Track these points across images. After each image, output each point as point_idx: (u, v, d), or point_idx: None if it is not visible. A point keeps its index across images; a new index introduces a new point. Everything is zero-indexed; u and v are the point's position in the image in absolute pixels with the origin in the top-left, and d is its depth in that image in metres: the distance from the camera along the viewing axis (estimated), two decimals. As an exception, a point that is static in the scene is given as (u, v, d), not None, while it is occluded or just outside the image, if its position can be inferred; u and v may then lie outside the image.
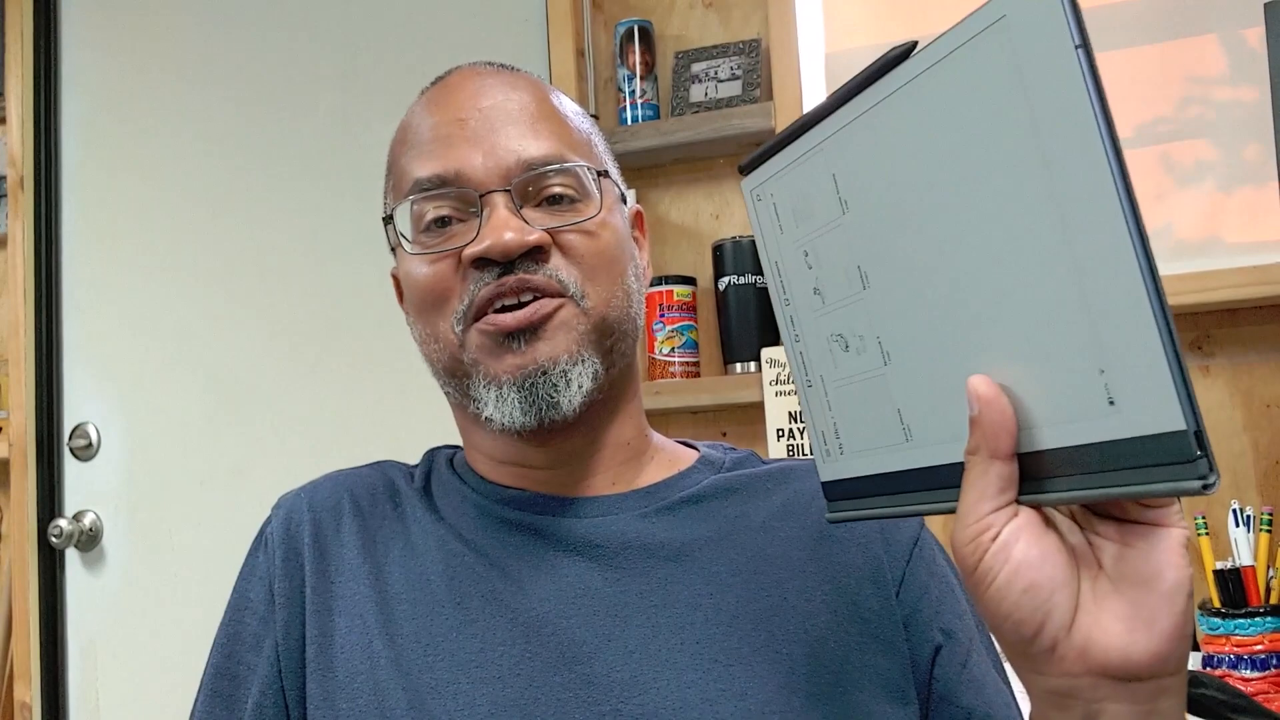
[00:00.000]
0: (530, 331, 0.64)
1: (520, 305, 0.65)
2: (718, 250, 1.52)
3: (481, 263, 0.65)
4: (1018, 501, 0.43)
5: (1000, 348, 0.42)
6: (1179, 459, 0.36)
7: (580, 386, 0.65)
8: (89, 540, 1.88)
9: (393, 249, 0.74)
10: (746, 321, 1.50)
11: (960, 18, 0.42)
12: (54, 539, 1.84)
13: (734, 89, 1.54)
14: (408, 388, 1.70)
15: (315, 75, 1.81)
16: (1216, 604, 1.19)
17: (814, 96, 1.56)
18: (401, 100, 1.85)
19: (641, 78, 1.57)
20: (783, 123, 1.50)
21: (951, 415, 0.44)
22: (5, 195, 1.98)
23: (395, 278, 0.77)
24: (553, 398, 0.64)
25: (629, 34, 1.58)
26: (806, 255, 0.52)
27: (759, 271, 1.49)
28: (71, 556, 1.90)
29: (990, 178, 0.41)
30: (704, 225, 1.60)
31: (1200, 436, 0.36)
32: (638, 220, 0.78)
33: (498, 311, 0.65)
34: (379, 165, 1.97)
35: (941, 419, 0.46)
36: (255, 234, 1.82)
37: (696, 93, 1.56)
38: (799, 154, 0.51)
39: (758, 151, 0.54)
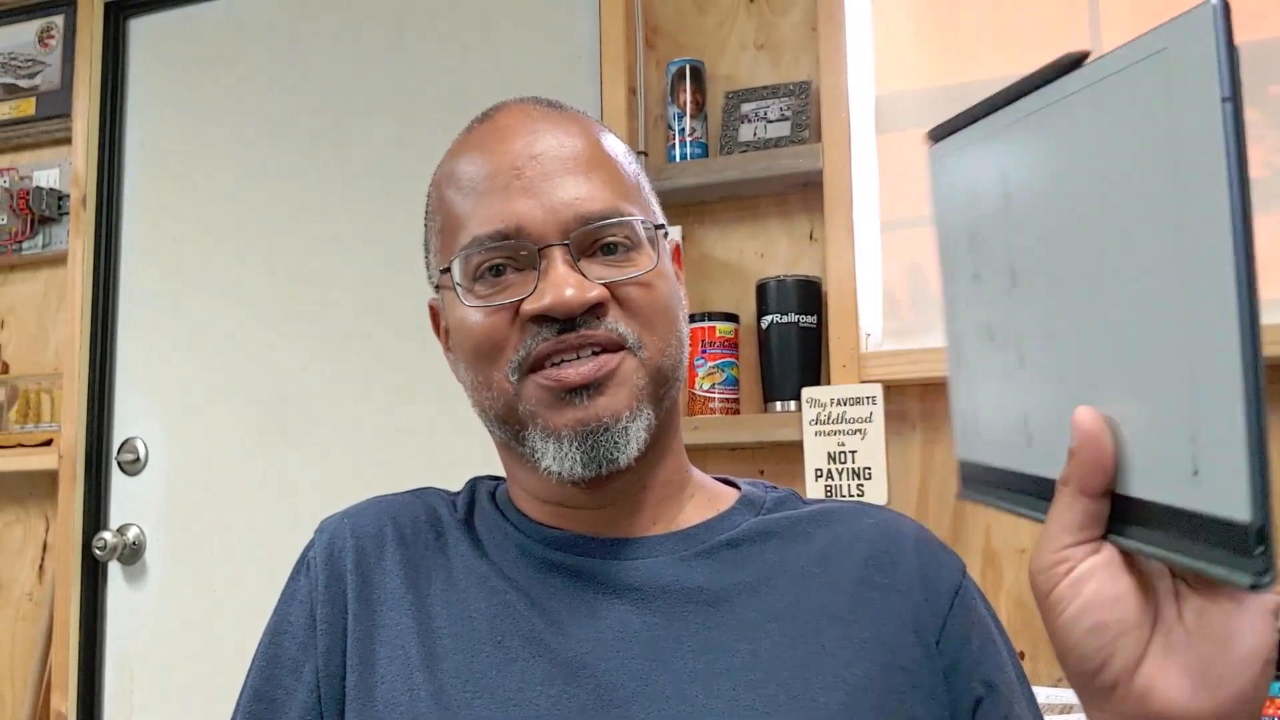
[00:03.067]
0: (593, 386, 0.65)
1: (580, 359, 0.65)
2: (761, 289, 1.52)
3: (541, 318, 0.65)
4: (1104, 537, 0.43)
5: (1118, 382, 0.42)
6: (1238, 550, 0.36)
7: (637, 439, 0.66)
8: (132, 554, 1.91)
9: (436, 286, 0.74)
10: (788, 360, 1.50)
11: (1008, 62, 0.43)
12: (98, 551, 1.87)
13: (783, 129, 1.55)
14: (451, 412, 1.72)
15: (371, 107, 1.84)
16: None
17: (863, 138, 1.56)
18: (455, 133, 1.88)
19: (691, 116, 1.59)
20: (830, 164, 1.50)
21: (1066, 433, 0.44)
22: (68, 213, 2.03)
23: (432, 309, 0.77)
24: (613, 453, 0.65)
25: (680, 73, 1.60)
26: (971, 239, 0.52)
27: (802, 311, 1.49)
28: (114, 569, 1.93)
29: (1131, 209, 0.41)
30: (748, 263, 1.60)
31: (1264, 533, 0.35)
32: (675, 254, 0.78)
33: (556, 365, 0.65)
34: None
35: (1058, 434, 0.45)
36: (307, 260, 1.86)
37: (745, 132, 1.57)
38: (981, 135, 0.50)
39: (950, 120, 0.53)
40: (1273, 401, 1.37)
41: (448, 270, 0.70)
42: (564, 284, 0.64)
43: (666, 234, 0.74)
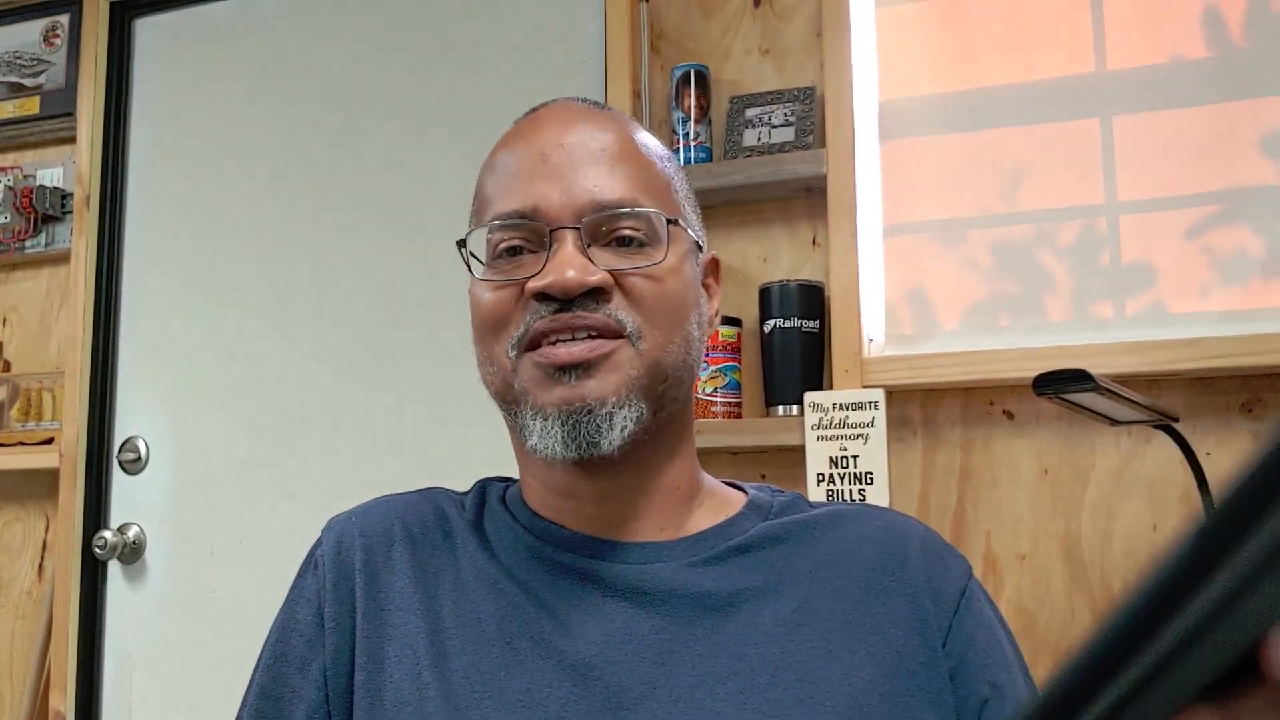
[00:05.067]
0: (583, 368, 0.65)
1: (575, 340, 0.66)
2: (764, 293, 1.53)
3: (543, 296, 0.66)
4: None
5: None
6: None
7: (623, 429, 0.65)
8: (132, 553, 1.91)
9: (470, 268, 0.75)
10: (790, 365, 1.50)
11: (1013, 70, 0.28)
12: (98, 550, 1.88)
13: (787, 135, 1.55)
14: (455, 414, 1.72)
15: (376, 108, 1.85)
16: (1262, 673, 1.17)
17: (866, 144, 1.57)
18: (460, 135, 1.89)
19: (696, 121, 1.59)
20: (834, 169, 1.51)
21: None
22: (71, 212, 2.03)
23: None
24: (594, 437, 0.65)
25: (685, 78, 1.61)
26: None
27: (805, 315, 1.50)
28: (113, 568, 1.93)
29: None
30: (751, 267, 1.61)
31: None
32: (712, 267, 0.78)
33: (553, 344, 0.66)
34: (435, 197, 2.00)
35: None
36: (310, 260, 1.86)
37: (750, 137, 1.57)
38: None
39: None
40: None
41: (464, 244, 0.72)
42: (567, 264, 0.65)
43: (701, 247, 0.75)
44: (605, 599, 0.68)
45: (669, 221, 0.70)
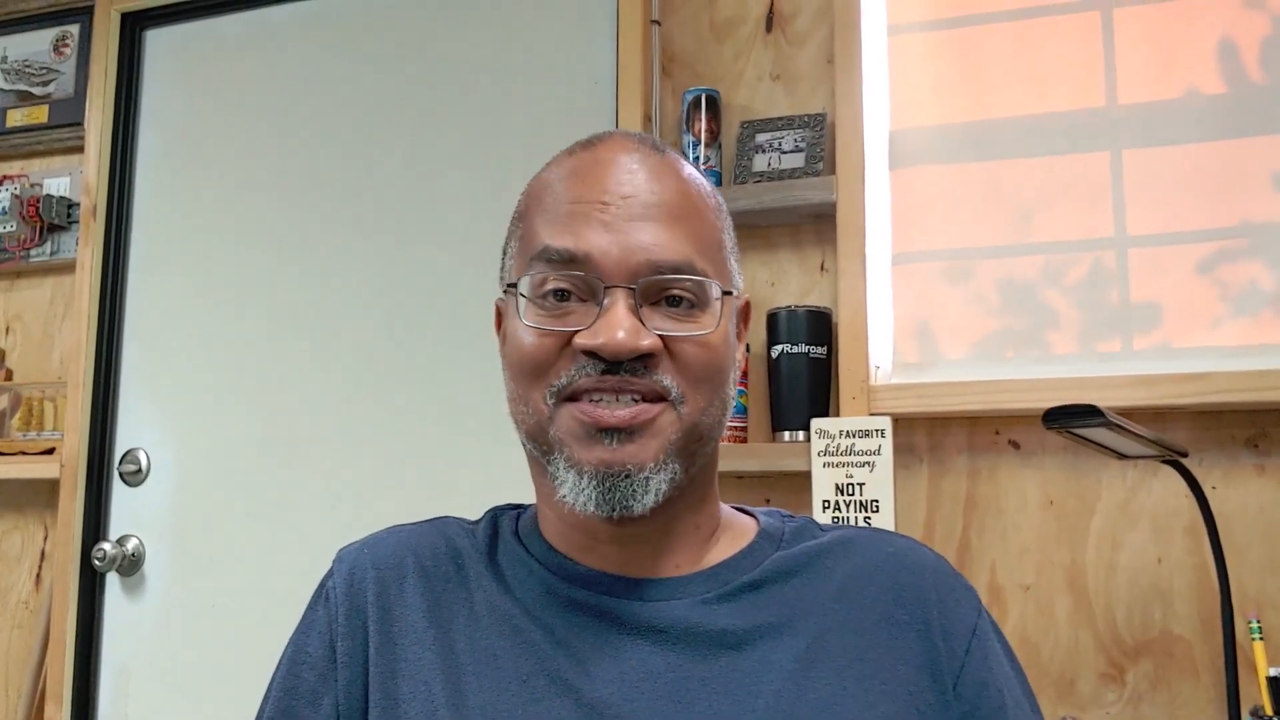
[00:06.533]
0: (625, 432, 0.65)
1: (619, 403, 0.66)
2: (772, 318, 1.53)
3: (591, 354, 0.66)
4: None
5: None
6: None
7: (658, 491, 0.66)
8: (131, 565, 1.90)
9: (505, 288, 0.74)
10: (797, 390, 1.50)
11: (1023, 100, 0.31)
12: (97, 562, 1.87)
13: (797, 161, 1.56)
14: (461, 431, 1.72)
15: (388, 125, 1.85)
16: (1269, 711, 1.17)
17: (876, 172, 1.57)
18: (471, 153, 1.88)
19: (706, 145, 1.60)
20: (844, 196, 1.51)
21: None
22: (77, 222, 2.03)
23: (499, 309, 0.77)
24: (628, 500, 0.66)
25: (696, 102, 1.61)
26: None
27: (812, 341, 1.50)
28: (112, 580, 1.92)
29: None
30: (759, 292, 1.61)
31: None
32: (744, 312, 0.78)
33: (594, 402, 0.66)
34: (444, 214, 1.98)
35: None
36: (315, 275, 1.86)
37: (760, 162, 1.58)
38: None
39: None
40: (1273, 444, 1.38)
41: (515, 284, 0.70)
42: (619, 326, 0.65)
43: (735, 296, 0.74)
44: (621, 637, 0.68)
45: (723, 292, 0.70)
